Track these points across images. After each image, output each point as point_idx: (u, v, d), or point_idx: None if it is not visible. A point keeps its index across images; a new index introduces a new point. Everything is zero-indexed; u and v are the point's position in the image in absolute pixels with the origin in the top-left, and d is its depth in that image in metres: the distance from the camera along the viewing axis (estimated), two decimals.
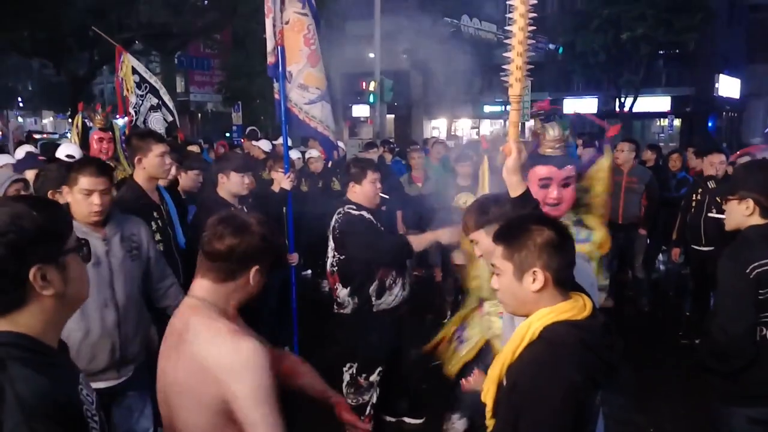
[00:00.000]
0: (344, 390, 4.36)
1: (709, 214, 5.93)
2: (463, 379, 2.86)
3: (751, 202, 2.90)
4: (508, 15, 2.63)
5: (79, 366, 2.93)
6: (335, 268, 4.27)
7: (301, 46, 4.91)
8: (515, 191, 2.62)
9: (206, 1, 23.48)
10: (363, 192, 4.27)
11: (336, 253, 4.25)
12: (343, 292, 4.25)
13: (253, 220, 2.04)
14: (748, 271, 2.75)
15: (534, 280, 1.88)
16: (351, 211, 4.20)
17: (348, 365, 4.38)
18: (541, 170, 3.51)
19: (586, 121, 17.24)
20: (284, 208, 5.23)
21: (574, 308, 1.89)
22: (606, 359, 1.88)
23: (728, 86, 30.34)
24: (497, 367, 1.98)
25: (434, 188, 7.11)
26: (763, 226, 2.87)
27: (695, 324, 6.21)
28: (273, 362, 1.95)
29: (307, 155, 8.21)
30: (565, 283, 1.94)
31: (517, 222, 2.00)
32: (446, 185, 6.80)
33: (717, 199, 5.73)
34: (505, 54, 2.67)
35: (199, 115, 35.01)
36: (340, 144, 9.85)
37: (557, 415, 1.77)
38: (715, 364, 2.91)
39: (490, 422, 2.01)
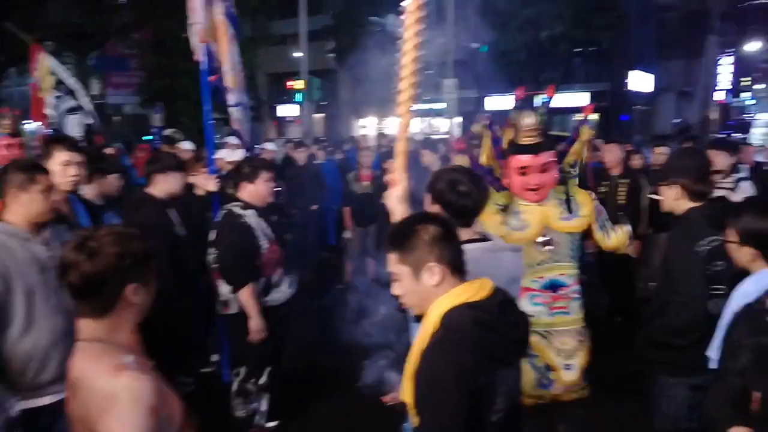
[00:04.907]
0: (233, 401, 4.22)
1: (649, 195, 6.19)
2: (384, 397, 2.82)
3: (678, 188, 3.15)
4: (401, 33, 2.58)
5: (25, 379, 2.80)
6: (215, 265, 4.18)
7: (225, 48, 4.94)
8: None
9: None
10: (255, 190, 4.21)
11: (215, 249, 4.19)
12: (225, 289, 4.14)
13: (108, 238, 1.80)
14: (697, 249, 2.97)
15: (432, 275, 1.95)
16: (233, 209, 4.16)
17: (236, 371, 4.25)
18: (519, 159, 3.91)
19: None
20: (209, 213, 4.97)
21: (470, 290, 1.95)
22: (509, 336, 1.94)
23: (641, 81, 31.48)
24: (411, 364, 2.01)
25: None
26: (702, 207, 3.12)
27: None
28: (168, 403, 1.82)
29: (228, 159, 7.96)
30: (460, 270, 2.01)
31: (401, 226, 2.08)
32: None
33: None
34: (397, 77, 2.59)
35: (117, 117, 33.79)
36: (269, 145, 9.69)
37: (451, 397, 1.82)
38: (676, 339, 3.11)
39: (415, 420, 2.03)
